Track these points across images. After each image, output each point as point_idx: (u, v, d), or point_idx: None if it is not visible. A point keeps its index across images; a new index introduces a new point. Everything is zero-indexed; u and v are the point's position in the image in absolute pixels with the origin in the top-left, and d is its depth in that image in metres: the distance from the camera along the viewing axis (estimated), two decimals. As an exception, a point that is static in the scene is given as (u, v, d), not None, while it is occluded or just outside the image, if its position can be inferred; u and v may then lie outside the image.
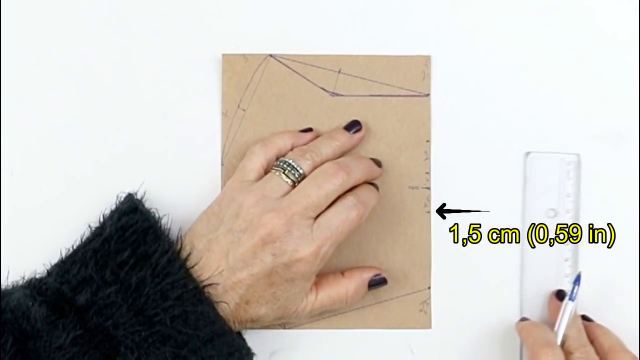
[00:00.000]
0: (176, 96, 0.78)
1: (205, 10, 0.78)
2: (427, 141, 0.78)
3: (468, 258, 0.78)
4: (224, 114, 0.78)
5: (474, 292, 0.78)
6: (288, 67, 0.78)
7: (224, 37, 0.78)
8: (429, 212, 0.78)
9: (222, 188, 0.77)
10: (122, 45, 0.78)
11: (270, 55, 0.78)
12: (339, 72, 0.78)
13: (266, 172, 0.74)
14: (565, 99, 0.78)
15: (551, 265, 0.77)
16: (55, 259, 0.72)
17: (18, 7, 0.78)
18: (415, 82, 0.78)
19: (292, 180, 0.72)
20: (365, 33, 0.78)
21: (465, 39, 0.78)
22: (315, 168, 0.73)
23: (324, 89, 0.78)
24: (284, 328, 0.78)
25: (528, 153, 0.77)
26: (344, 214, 0.72)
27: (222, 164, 0.78)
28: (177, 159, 0.78)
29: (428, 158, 0.78)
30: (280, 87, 0.78)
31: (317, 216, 0.72)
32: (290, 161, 0.73)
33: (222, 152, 0.78)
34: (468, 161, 0.78)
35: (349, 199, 0.72)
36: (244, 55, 0.78)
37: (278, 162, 0.73)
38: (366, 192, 0.73)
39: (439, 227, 0.78)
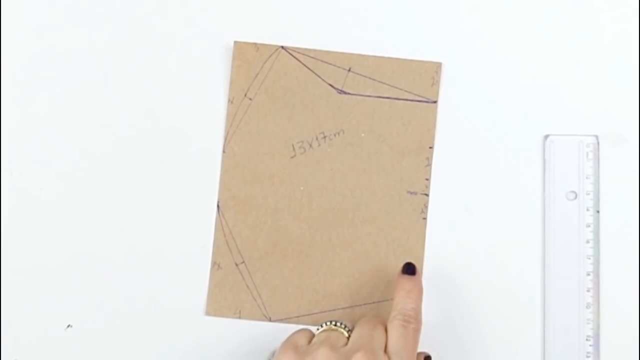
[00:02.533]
0: (183, 83, 0.78)
1: (222, -4, 0.78)
2: (430, 148, 0.78)
3: (461, 266, 0.78)
4: (230, 101, 0.78)
5: (467, 298, 0.77)
6: (299, 60, 0.78)
7: (236, 25, 0.78)
8: (424, 218, 0.78)
9: (220, 174, 0.77)
10: (130, 31, 0.78)
11: (282, 47, 0.78)
12: (349, 70, 0.78)
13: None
14: (566, 99, 0.78)
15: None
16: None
17: (18, 6, 0.78)
18: (424, 87, 0.78)
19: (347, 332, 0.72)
20: (378, 34, 0.78)
21: (477, 50, 0.78)
22: None
23: (332, 86, 0.78)
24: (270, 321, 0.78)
25: (547, 136, 0.77)
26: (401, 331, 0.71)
27: (223, 151, 0.78)
28: (179, 145, 0.78)
29: (429, 165, 0.78)
30: (289, 79, 0.78)
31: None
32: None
33: (225, 139, 0.78)
34: (469, 171, 0.78)
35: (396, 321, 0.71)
36: (255, 44, 0.78)
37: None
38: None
39: (433, 234, 0.78)
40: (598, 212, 0.77)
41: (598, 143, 0.77)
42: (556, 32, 0.78)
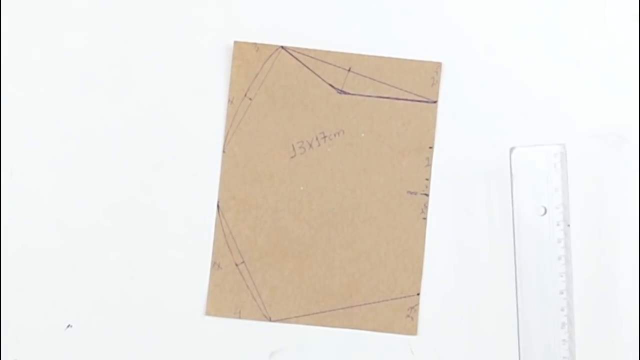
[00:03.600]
0: (183, 82, 0.78)
1: (222, -3, 0.79)
2: (430, 148, 0.78)
3: (462, 266, 0.78)
4: (230, 101, 0.78)
5: (467, 299, 0.77)
6: (299, 60, 0.78)
7: (236, 25, 0.78)
8: (425, 218, 0.78)
9: (220, 174, 0.77)
10: (130, 31, 0.78)
11: (282, 47, 0.78)
12: (349, 70, 0.78)
13: None
14: (566, 99, 0.78)
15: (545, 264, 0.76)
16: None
17: (18, 6, 0.78)
18: (424, 87, 0.78)
19: None
20: (378, 34, 0.78)
21: (477, 50, 0.78)
22: None
23: (332, 86, 0.78)
24: (270, 320, 0.78)
25: (513, 148, 0.76)
26: None
27: (223, 151, 0.78)
28: (179, 145, 0.78)
29: (429, 165, 0.78)
30: (289, 79, 0.78)
31: None
32: None
33: (225, 139, 0.78)
34: (469, 171, 0.78)
35: None
36: (255, 44, 0.78)
37: None
38: None
39: (433, 234, 0.78)
40: (569, 225, 0.75)
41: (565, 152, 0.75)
42: (556, 32, 0.78)
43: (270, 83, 0.78)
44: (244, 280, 0.78)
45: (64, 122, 0.78)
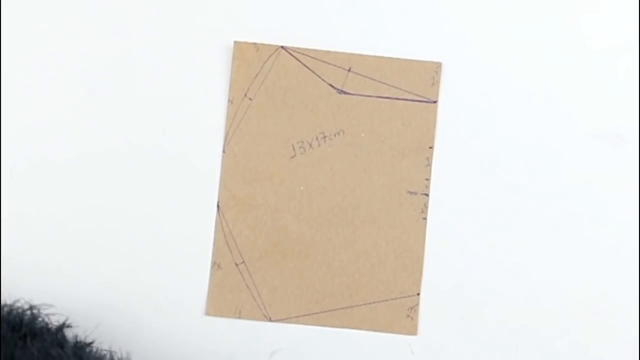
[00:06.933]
0: (183, 82, 0.78)
1: (221, -3, 0.79)
2: (430, 147, 0.78)
3: (462, 266, 0.78)
4: (230, 101, 0.78)
5: (467, 299, 0.77)
6: (299, 60, 0.78)
7: (236, 25, 0.78)
8: (425, 218, 0.78)
9: (220, 174, 0.77)
10: (130, 30, 0.78)
11: (282, 47, 0.78)
12: (349, 70, 0.78)
13: None
14: (566, 99, 0.78)
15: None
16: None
17: (18, 6, 0.79)
18: (424, 87, 0.78)
19: None
20: (378, 34, 0.78)
21: (477, 50, 0.78)
22: None
23: (332, 86, 0.78)
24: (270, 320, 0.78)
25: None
26: None
27: (223, 151, 0.78)
28: (179, 145, 0.78)
29: (429, 165, 0.78)
30: (289, 79, 0.78)
31: None
32: None
33: (225, 139, 0.78)
34: (469, 171, 0.78)
35: None
36: (255, 44, 0.78)
37: None
38: None
39: (433, 234, 0.78)
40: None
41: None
42: (555, 32, 0.78)
43: (270, 83, 0.78)
44: (244, 280, 0.78)
45: (63, 122, 0.78)
